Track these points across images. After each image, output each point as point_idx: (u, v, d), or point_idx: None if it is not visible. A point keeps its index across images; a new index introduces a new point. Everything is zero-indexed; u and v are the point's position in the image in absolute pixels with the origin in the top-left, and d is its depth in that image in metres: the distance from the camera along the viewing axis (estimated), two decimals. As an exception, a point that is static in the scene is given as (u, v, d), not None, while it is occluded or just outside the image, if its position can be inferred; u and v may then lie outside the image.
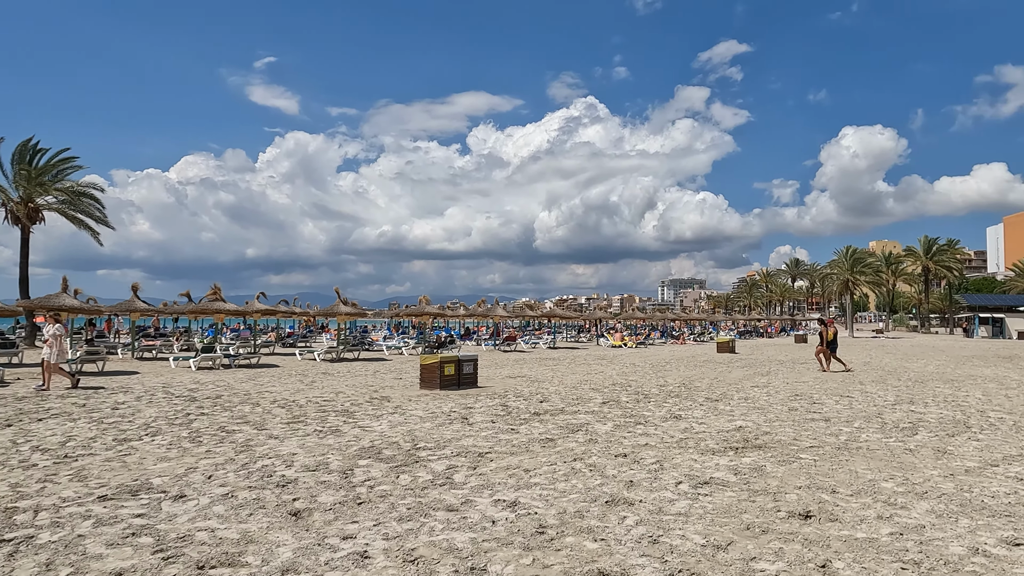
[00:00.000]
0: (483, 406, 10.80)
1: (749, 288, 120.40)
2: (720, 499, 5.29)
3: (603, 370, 18.71)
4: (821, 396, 12.57)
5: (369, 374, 16.91)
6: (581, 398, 12.02)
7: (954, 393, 13.33)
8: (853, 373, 18.03)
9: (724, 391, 13.33)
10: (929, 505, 5.17)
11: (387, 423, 9.01)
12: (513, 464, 6.50)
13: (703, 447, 7.47)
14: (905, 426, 9.06)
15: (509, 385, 14.30)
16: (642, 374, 17.42)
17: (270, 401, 11.28)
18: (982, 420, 9.68)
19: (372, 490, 5.47)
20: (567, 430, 8.50)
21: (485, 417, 9.58)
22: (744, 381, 15.57)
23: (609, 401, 11.56)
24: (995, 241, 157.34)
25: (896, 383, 15.39)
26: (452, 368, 13.53)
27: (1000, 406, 11.37)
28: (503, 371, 18.16)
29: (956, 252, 74.22)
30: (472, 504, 5.10)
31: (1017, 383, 15.62)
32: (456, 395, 12.32)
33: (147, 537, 4.32)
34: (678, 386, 14.30)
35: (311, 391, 12.92)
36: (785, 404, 11.33)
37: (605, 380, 15.63)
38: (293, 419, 9.30)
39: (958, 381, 15.98)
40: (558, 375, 16.89)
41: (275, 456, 6.80)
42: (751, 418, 9.72)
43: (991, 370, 19.88)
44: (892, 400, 12.01)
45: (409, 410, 10.30)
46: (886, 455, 7.10)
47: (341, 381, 14.98)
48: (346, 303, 26.67)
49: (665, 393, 12.91)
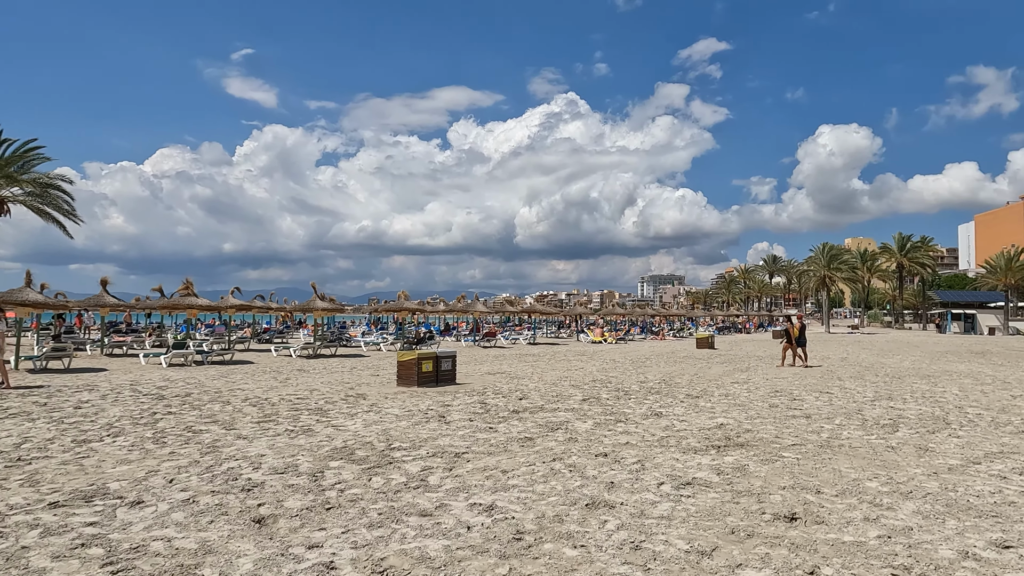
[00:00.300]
0: (461, 404, 10.58)
1: (727, 284, 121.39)
2: (703, 501, 5.13)
3: (583, 366, 18.58)
4: (801, 392, 12.54)
5: (346, 371, 16.60)
6: (561, 395, 11.85)
7: (931, 389, 13.39)
8: (832, 370, 18.10)
9: (704, 387, 13.25)
10: (915, 505, 5.06)
11: (361, 422, 8.75)
12: (490, 465, 6.29)
13: (685, 446, 7.32)
14: (886, 423, 9.01)
15: (488, 382, 14.09)
16: (622, 370, 17.32)
17: (241, 399, 10.95)
18: (961, 416, 9.68)
19: (342, 494, 5.23)
20: (546, 428, 8.32)
21: (463, 415, 9.36)
22: (724, 377, 15.52)
23: (589, 398, 11.40)
24: (966, 238, 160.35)
25: (874, 379, 15.45)
26: (430, 365, 13.28)
27: (977, 402, 11.42)
28: (482, 367, 17.95)
29: (929, 249, 75.35)
30: (447, 508, 4.88)
31: (991, 379, 15.76)
32: (434, 392, 12.09)
33: (97, 548, 4.04)
34: (658, 382, 14.20)
35: (285, 388, 12.59)
36: (765, 401, 11.26)
37: (585, 376, 15.49)
38: (264, 418, 9.00)
39: (934, 377, 16.09)
40: (538, 371, 16.72)
41: (242, 458, 6.52)
42: (732, 415, 9.61)
43: (965, 366, 20.10)
44: (871, 396, 12.01)
45: (385, 408, 10.04)
46: (869, 453, 7.02)
47: (316, 378, 14.66)
48: (323, 298, 26.28)
49: (646, 390, 12.79)
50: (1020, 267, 57.41)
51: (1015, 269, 56.87)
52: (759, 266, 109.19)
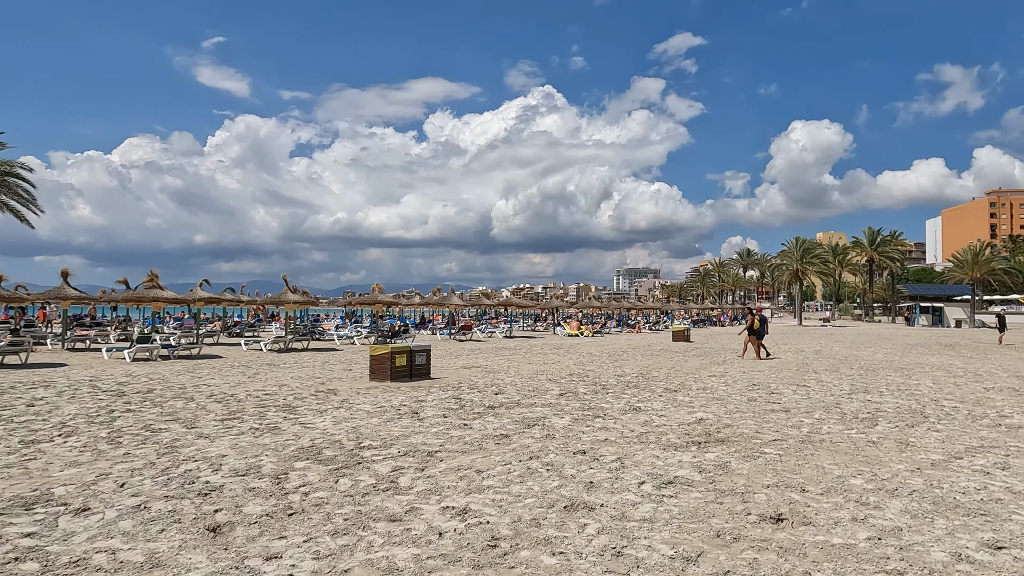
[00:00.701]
0: (435, 399, 10.30)
1: (702, 278, 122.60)
2: (686, 501, 4.93)
3: (560, 360, 18.39)
4: (778, 386, 12.48)
5: (317, 365, 16.19)
6: (537, 390, 11.63)
7: (906, 382, 13.44)
8: (807, 363, 18.16)
9: (682, 381, 13.13)
10: (902, 504, 4.91)
11: (331, 419, 8.42)
12: (464, 464, 6.03)
13: (665, 442, 7.14)
14: (864, 417, 8.94)
15: (463, 376, 13.82)
16: (599, 364, 17.16)
17: (206, 395, 10.53)
18: (938, 410, 9.66)
19: (306, 498, 4.93)
20: (523, 425, 8.08)
21: (437, 411, 9.08)
22: (701, 371, 15.44)
23: (566, 393, 11.19)
24: (933, 233, 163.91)
25: (849, 372, 15.50)
26: (403, 359, 12.96)
27: (951, 395, 11.45)
28: (458, 361, 17.67)
29: (899, 244, 76.79)
30: (418, 513, 4.61)
31: (963, 371, 15.92)
32: (407, 387, 11.78)
33: (32, 563, 3.69)
34: (636, 376, 14.06)
35: (253, 384, 12.18)
36: (744, 394, 11.16)
37: (562, 370, 15.29)
38: (229, 415, 8.62)
39: (907, 370, 16.21)
40: (514, 365, 16.49)
41: (202, 459, 6.17)
42: (711, 410, 9.47)
43: (936, 358, 20.34)
44: (848, 389, 11.98)
45: (356, 404, 9.72)
46: (850, 448, 6.90)
47: (286, 373, 14.25)
48: (295, 291, 25.75)
49: (623, 384, 12.62)
50: (986, 261, 58.70)
51: (981, 263, 58.13)
52: (733, 260, 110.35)
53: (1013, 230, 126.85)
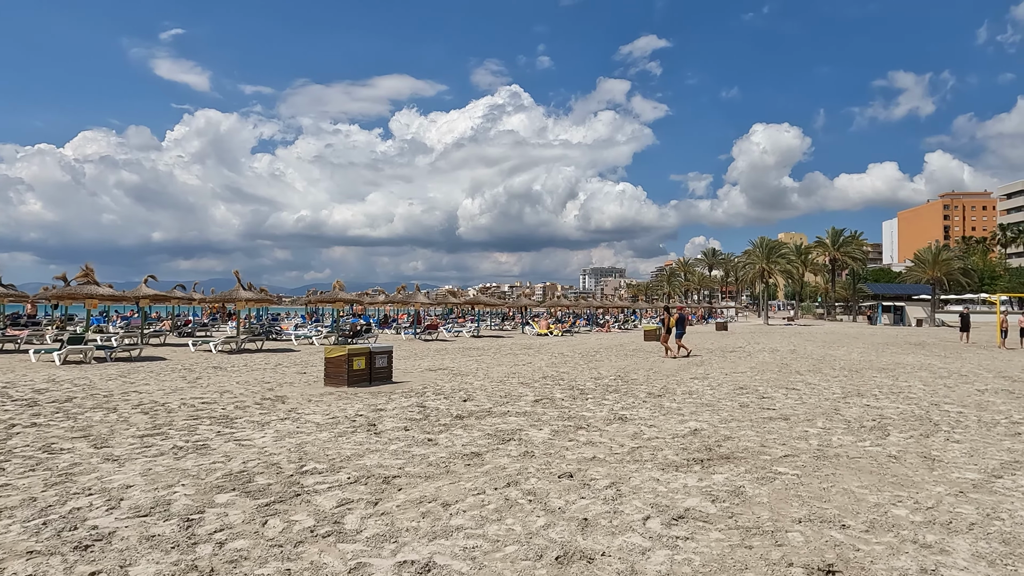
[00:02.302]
0: (396, 407, 9.17)
1: (668, 277, 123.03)
2: (706, 545, 3.94)
3: (531, 360, 17.39)
4: (767, 389, 11.67)
5: (269, 368, 14.88)
6: (510, 395, 10.59)
7: (895, 383, 12.78)
8: (787, 363, 17.50)
9: (664, 384, 12.23)
10: (968, 544, 4.00)
11: (273, 433, 7.24)
12: (428, 494, 4.95)
13: (661, 460, 6.16)
14: (871, 425, 8.12)
15: (429, 380, 12.70)
16: (573, 365, 16.21)
17: (133, 405, 9.22)
18: (944, 416, 8.91)
19: (219, 551, 3.78)
20: (496, 439, 7.02)
21: (397, 423, 7.96)
22: (681, 372, 14.60)
23: (542, 399, 10.17)
24: (890, 234, 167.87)
25: (832, 372, 14.84)
26: (362, 361, 11.78)
27: (948, 398, 10.78)
28: (423, 362, 16.52)
29: (860, 244, 77.87)
30: (365, 572, 3.52)
31: (946, 372, 15.40)
32: (366, 393, 10.62)
33: None
34: (614, 379, 13.12)
35: (192, 390, 10.88)
36: (733, 399, 10.30)
37: (535, 372, 14.28)
38: (152, 430, 7.36)
39: (889, 370, 15.64)
40: (483, 367, 15.42)
41: (100, 491, 4.96)
42: (703, 418, 8.56)
43: (912, 358, 19.94)
44: (840, 393, 11.23)
45: (305, 415, 8.53)
46: (873, 465, 6.02)
47: (233, 377, 12.93)
48: (251, 288, 24.25)
49: (602, 388, 11.66)
50: (946, 261, 59.72)
51: (942, 263, 59.11)
52: (699, 259, 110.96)
53: (965, 231, 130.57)
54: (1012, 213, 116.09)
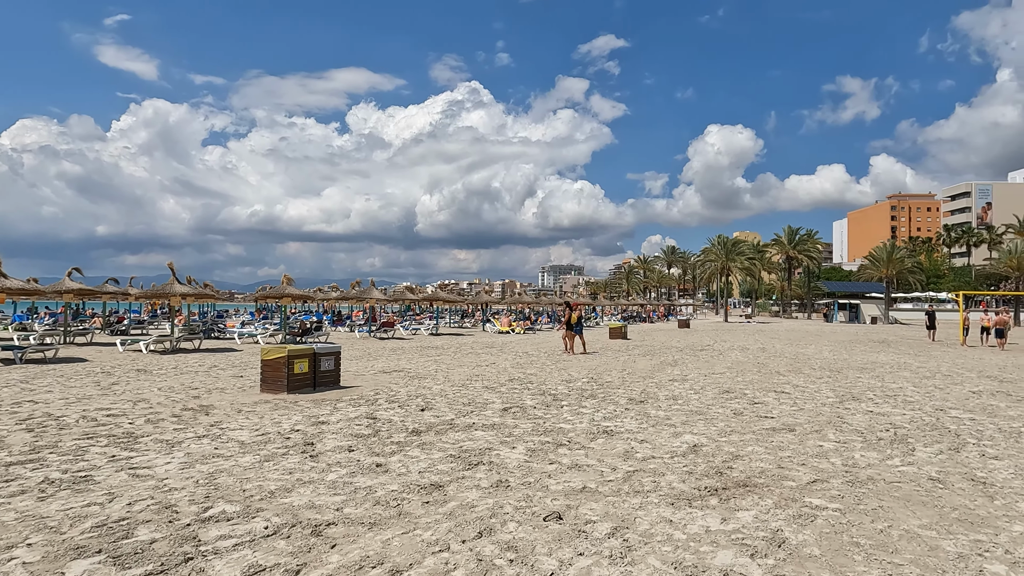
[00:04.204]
0: (341, 419, 7.81)
1: (627, 274, 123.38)
2: (769, 637, 2.76)
3: (494, 360, 16.14)
4: (754, 392, 10.68)
5: (202, 371, 13.26)
6: (474, 402, 9.32)
7: (884, 385, 11.98)
8: (763, 362, 16.67)
9: (643, 388, 11.13)
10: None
11: (183, 457, 5.82)
12: (372, 554, 3.65)
13: (667, 489, 4.99)
14: (887, 437, 7.14)
15: (382, 384, 11.33)
16: (540, 365, 15.02)
17: (19, 420, 7.62)
18: (959, 425, 8.01)
19: None
20: (461, 463, 5.75)
21: (340, 441, 6.61)
22: (657, 373, 13.55)
23: (511, 407, 8.93)
24: (840, 234, 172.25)
25: (813, 372, 14.02)
26: (305, 363, 10.34)
27: (946, 401, 9.97)
28: (377, 363, 15.10)
29: (815, 242, 79.02)
30: None
31: (928, 371, 14.76)
32: (308, 401, 9.21)
33: None
34: (587, 381, 11.97)
35: (102, 399, 9.28)
36: (723, 405, 9.25)
37: (500, 374, 13.04)
38: (26, 455, 5.85)
39: (870, 370, 14.93)
40: (443, 368, 14.10)
41: (-96, 557, 3.50)
42: (699, 429, 7.45)
43: (885, 356, 19.42)
44: (833, 397, 10.31)
45: (230, 430, 7.10)
46: (920, 494, 4.97)
47: (157, 382, 11.32)
48: (191, 282, 22.40)
49: (576, 392, 10.49)
50: (899, 260, 60.83)
51: (895, 261, 60.16)
52: (658, 257, 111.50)
53: (910, 232, 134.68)
54: (956, 215, 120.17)
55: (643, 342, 25.12)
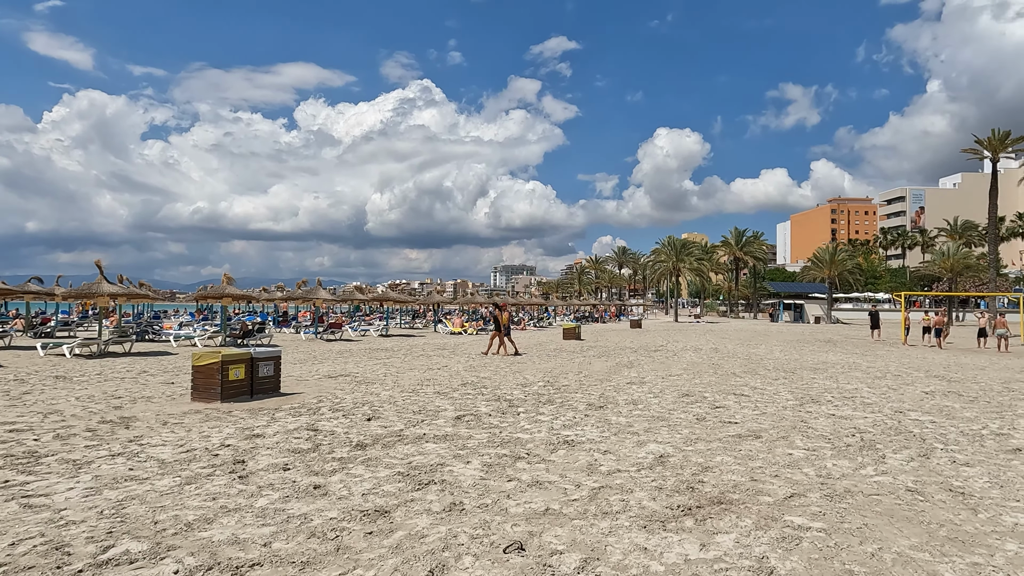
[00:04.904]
0: (279, 432, 7.14)
1: (578, 275, 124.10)
2: None
3: (447, 363, 15.56)
4: (714, 395, 10.44)
5: (130, 377, 12.27)
6: (425, 409, 8.76)
7: (840, 386, 11.94)
8: (717, 363, 16.59)
9: (602, 392, 10.76)
10: None
11: (90, 481, 5.08)
12: (303, 603, 3.08)
13: (637, 508, 4.56)
14: (855, 443, 6.91)
15: (327, 390, 10.63)
16: (494, 368, 14.52)
17: (-97, 437, 6.69)
18: (921, 428, 7.88)
19: None
20: (411, 482, 5.19)
21: (275, 457, 5.96)
22: (614, 375, 13.23)
23: (465, 414, 8.40)
24: (783, 236, 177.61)
25: (768, 373, 13.95)
26: (241, 369, 9.57)
27: (903, 403, 9.92)
28: (322, 367, 14.34)
29: (761, 244, 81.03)
30: None
31: (878, 371, 14.90)
32: (244, 411, 8.47)
33: None
34: (543, 385, 11.54)
35: (8, 411, 8.34)
36: (685, 410, 8.94)
37: (452, 378, 12.48)
38: (-101, 482, 5.01)
39: (822, 370, 14.98)
40: (392, 372, 13.45)
41: None
42: (663, 437, 7.08)
43: (833, 355, 19.68)
44: (793, 399, 10.15)
45: (150, 446, 6.36)
46: (902, 507, 4.68)
47: (76, 390, 10.34)
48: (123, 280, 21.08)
49: (533, 397, 10.03)
50: (842, 261, 62.75)
51: (838, 263, 62.03)
52: (609, 257, 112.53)
53: (849, 235, 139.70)
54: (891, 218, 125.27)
55: (597, 343, 24.92)
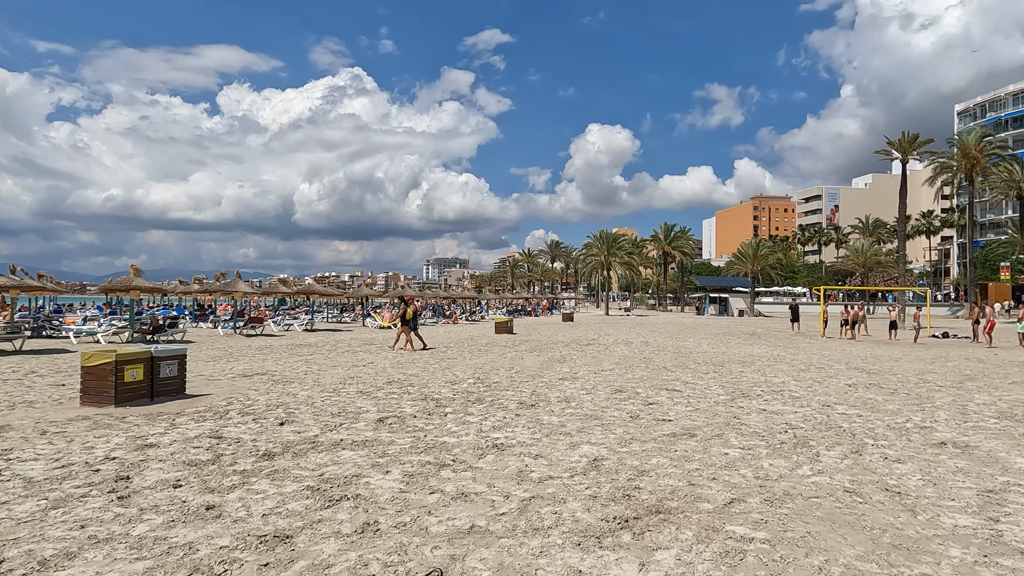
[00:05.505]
0: (177, 440, 6.40)
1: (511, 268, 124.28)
2: None
3: (373, 360, 14.89)
4: (647, 391, 10.27)
5: (15, 379, 11.06)
6: (346, 411, 8.15)
7: (767, 380, 12.03)
8: (649, 357, 16.58)
9: (533, 388, 10.41)
10: None
11: (-70, 509, 4.29)
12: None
13: (571, 522, 4.18)
14: (789, 441, 6.79)
15: (239, 390, 9.84)
16: (422, 365, 13.97)
17: None
18: (850, 423, 7.89)
19: None
20: (321, 498, 4.64)
21: (167, 472, 5.27)
22: (546, 371, 12.93)
23: (388, 416, 7.86)
24: (709, 232, 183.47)
25: (698, 367, 13.99)
26: (139, 370, 8.68)
27: (829, 396, 10.02)
28: (238, 365, 13.41)
29: (689, 239, 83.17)
30: None
31: (802, 364, 15.22)
32: (140, 416, 7.64)
33: None
34: (473, 382, 11.10)
35: None
36: (619, 407, 8.69)
37: (377, 375, 11.86)
38: None
39: (749, 363, 15.18)
40: (314, 370, 12.69)
41: None
42: (597, 438, 6.76)
43: (758, 348, 20.09)
44: (724, 394, 10.09)
45: (20, 461, 5.53)
46: (843, 512, 4.49)
47: (-56, 395, 9.16)
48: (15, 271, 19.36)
49: (462, 396, 9.57)
50: (764, 256, 65.10)
51: (760, 257, 64.31)
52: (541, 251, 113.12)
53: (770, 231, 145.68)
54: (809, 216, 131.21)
55: (529, 336, 24.67)
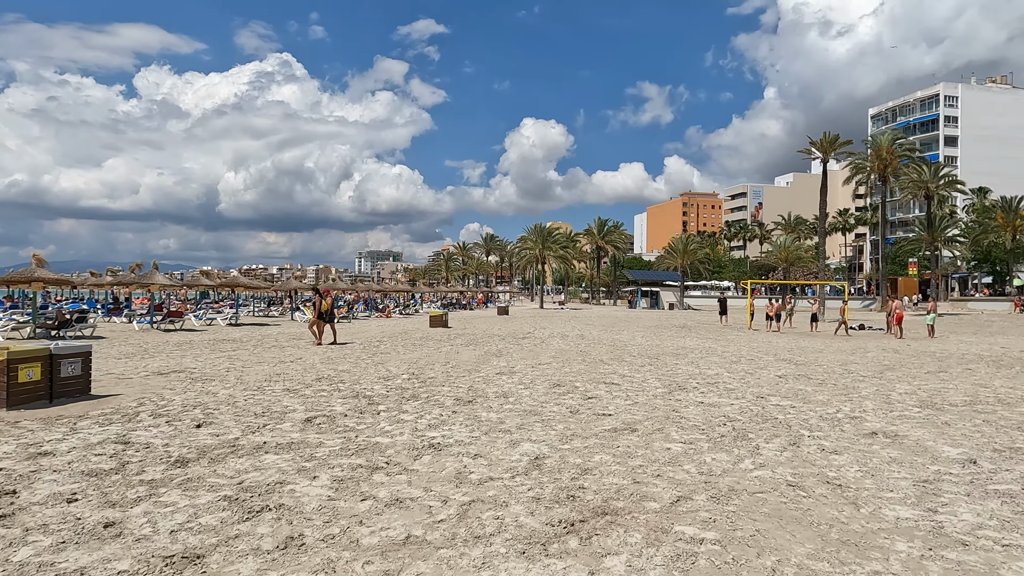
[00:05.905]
0: (76, 447, 5.77)
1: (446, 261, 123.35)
2: None
3: (301, 356, 14.23)
4: (585, 385, 10.16)
5: None
6: (270, 411, 7.64)
7: (702, 372, 12.17)
8: (585, 350, 16.57)
9: (471, 384, 10.12)
10: None
11: None
12: None
13: (514, 528, 3.92)
14: (729, 433, 6.77)
15: (152, 390, 9.11)
16: (354, 359, 13.45)
17: None
18: (784, 414, 7.98)
19: None
20: (239, 509, 4.21)
21: (61, 484, 4.70)
22: (483, 365, 12.66)
23: (317, 415, 7.40)
24: (640, 227, 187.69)
25: (634, 360, 14.05)
26: (36, 369, 7.87)
27: (762, 387, 10.19)
28: (153, 362, 12.52)
29: (621, 234, 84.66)
30: None
31: (733, 356, 15.54)
32: (36, 420, 6.90)
33: None
34: (408, 378, 10.71)
35: None
36: (557, 402, 8.52)
37: (306, 372, 11.30)
38: None
39: (682, 355, 15.38)
40: (237, 366, 11.98)
41: None
42: (537, 434, 6.55)
43: (690, 340, 20.47)
44: (661, 387, 10.09)
45: None
46: (789, 507, 4.42)
47: None
48: None
49: (396, 392, 9.18)
50: (693, 251, 66.94)
51: (690, 252, 66.08)
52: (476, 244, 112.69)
53: (699, 227, 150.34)
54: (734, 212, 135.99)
55: (465, 330, 24.35)
